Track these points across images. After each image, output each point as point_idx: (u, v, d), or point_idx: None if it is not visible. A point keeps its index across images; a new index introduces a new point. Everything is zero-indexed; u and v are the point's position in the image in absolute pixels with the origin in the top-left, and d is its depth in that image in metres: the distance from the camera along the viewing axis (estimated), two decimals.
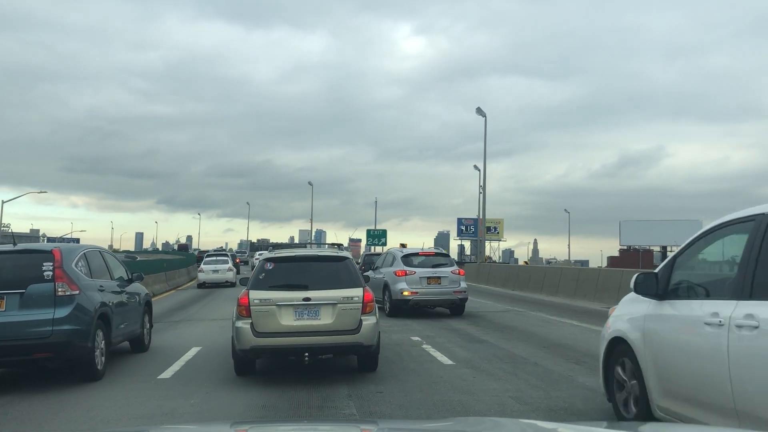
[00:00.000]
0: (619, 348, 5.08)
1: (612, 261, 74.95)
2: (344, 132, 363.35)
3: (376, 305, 7.73)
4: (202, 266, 27.43)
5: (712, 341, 3.95)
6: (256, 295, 7.22)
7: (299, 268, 7.75)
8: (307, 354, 7.17)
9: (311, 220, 68.60)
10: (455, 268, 15.09)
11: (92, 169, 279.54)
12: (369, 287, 7.72)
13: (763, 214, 3.98)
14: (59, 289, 7.04)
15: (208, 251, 44.73)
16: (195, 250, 60.62)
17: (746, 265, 3.93)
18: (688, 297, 4.58)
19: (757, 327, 3.63)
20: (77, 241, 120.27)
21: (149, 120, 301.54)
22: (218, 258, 28.46)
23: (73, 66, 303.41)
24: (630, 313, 5.03)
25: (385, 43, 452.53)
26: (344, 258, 7.91)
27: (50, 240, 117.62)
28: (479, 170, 39.89)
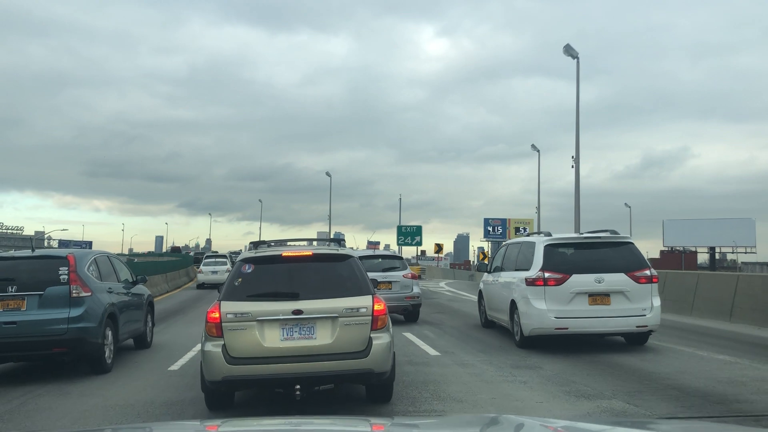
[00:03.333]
0: (480, 292, 13.71)
1: (653, 263, 74.62)
2: (365, 134, 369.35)
3: (390, 319, 6.53)
4: (202, 267, 30.38)
5: (497, 287, 12.33)
6: (230, 307, 6.11)
7: (288, 271, 6.49)
8: (298, 387, 5.98)
9: (329, 217, 66.99)
10: (407, 271, 15.07)
11: (115, 173, 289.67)
12: None
13: (516, 242, 12.45)
14: (73, 291, 8.42)
15: (205, 254, 48.41)
16: (212, 252, 63.25)
17: (516, 261, 11.54)
18: (495, 271, 12.76)
19: (499, 280, 12.22)
20: (90, 244, 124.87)
21: (172, 124, 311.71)
22: (217, 260, 31.40)
23: (98, 71, 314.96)
24: (483, 279, 13.64)
25: (409, 45, 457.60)
26: (347, 257, 6.69)
27: (62, 243, 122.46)
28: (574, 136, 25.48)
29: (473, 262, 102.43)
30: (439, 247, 51.64)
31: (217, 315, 6.08)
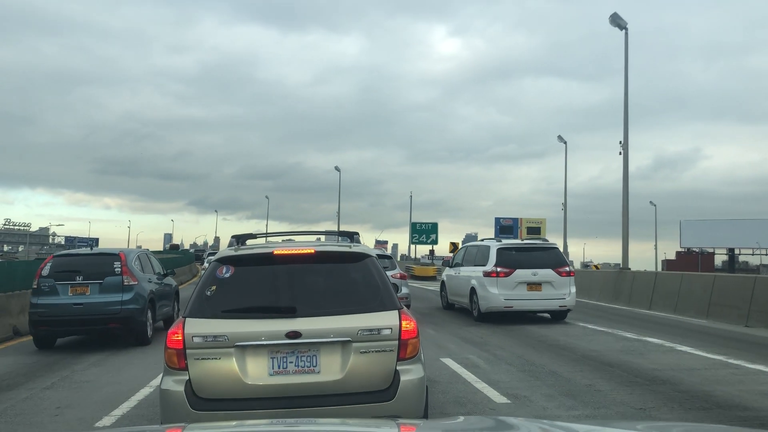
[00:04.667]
0: (443, 283, 18.07)
1: (669, 265, 74.12)
2: (375, 134, 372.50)
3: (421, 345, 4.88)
4: (205, 264, 33.66)
5: (459, 279, 16.29)
6: (197, 327, 4.54)
7: (281, 276, 4.89)
8: None
9: (338, 213, 65.55)
10: (396, 271, 15.65)
11: (125, 171, 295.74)
12: None
13: (474, 245, 16.95)
14: (125, 281, 11.34)
15: (206, 251, 53.53)
16: (212, 250, 66.29)
17: (475, 259, 15.42)
18: (455, 267, 17.08)
19: (459, 273, 16.18)
20: (96, 241, 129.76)
21: (183, 122, 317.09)
22: None
23: (111, 69, 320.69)
24: (445, 272, 18.15)
25: (420, 45, 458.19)
26: (363, 256, 5.05)
27: (68, 240, 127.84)
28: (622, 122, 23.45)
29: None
30: (454, 246, 53.39)
31: (179, 338, 4.46)
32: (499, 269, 13.95)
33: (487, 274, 14.07)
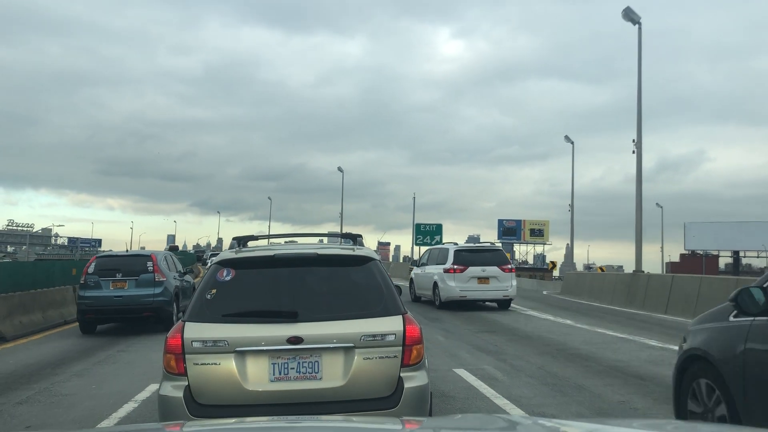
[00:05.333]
0: (411, 280, 21.18)
1: (673, 267, 74.33)
2: (378, 135, 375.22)
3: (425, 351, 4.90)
4: (208, 264, 35.87)
5: (425, 275, 19.55)
6: (197, 332, 4.55)
7: (283, 280, 4.91)
8: None
9: (341, 214, 65.70)
10: None
11: (129, 172, 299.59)
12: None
13: (437, 248, 20.77)
14: (156, 277, 13.37)
15: (206, 252, 56.42)
16: (213, 250, 68.16)
17: (437, 259, 19.00)
18: (421, 266, 20.36)
19: (425, 271, 19.56)
20: (99, 242, 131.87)
21: (187, 123, 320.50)
22: None
23: (115, 70, 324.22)
24: (413, 271, 21.24)
25: (424, 46, 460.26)
26: (367, 259, 5.07)
27: (71, 240, 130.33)
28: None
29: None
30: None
31: (178, 342, 4.51)
32: (455, 267, 17.57)
33: (446, 271, 17.75)
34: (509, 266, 18.17)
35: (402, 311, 4.75)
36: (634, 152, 22.93)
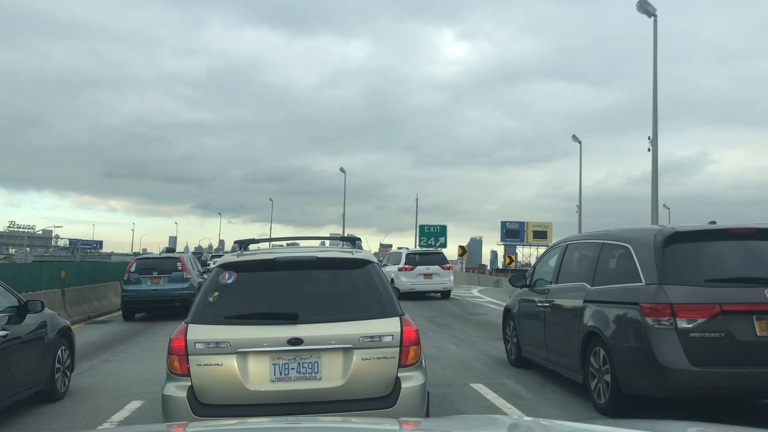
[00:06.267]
0: None
1: None
2: (382, 137, 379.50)
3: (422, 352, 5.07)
4: (210, 264, 38.94)
5: (385, 274, 20.67)
6: (200, 333, 4.75)
7: (283, 283, 5.10)
8: None
9: (343, 216, 65.92)
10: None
11: (132, 174, 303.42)
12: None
13: (394, 252, 26.62)
14: (184, 275, 17.36)
15: (201, 253, 59.73)
16: (215, 252, 70.80)
17: (394, 261, 24.52)
18: (383, 267, 22.71)
19: (385, 269, 22.21)
20: (100, 243, 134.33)
21: (190, 126, 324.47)
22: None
23: (120, 73, 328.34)
24: None
25: (428, 48, 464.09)
26: (365, 262, 5.26)
27: (72, 242, 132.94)
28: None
29: (487, 266, 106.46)
30: (462, 250, 51.64)
31: (182, 343, 4.72)
32: (406, 266, 22.81)
33: (400, 269, 22.95)
34: (448, 265, 23.98)
35: (399, 313, 4.96)
36: (649, 150, 22.96)
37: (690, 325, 5.83)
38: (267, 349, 4.73)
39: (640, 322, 6.08)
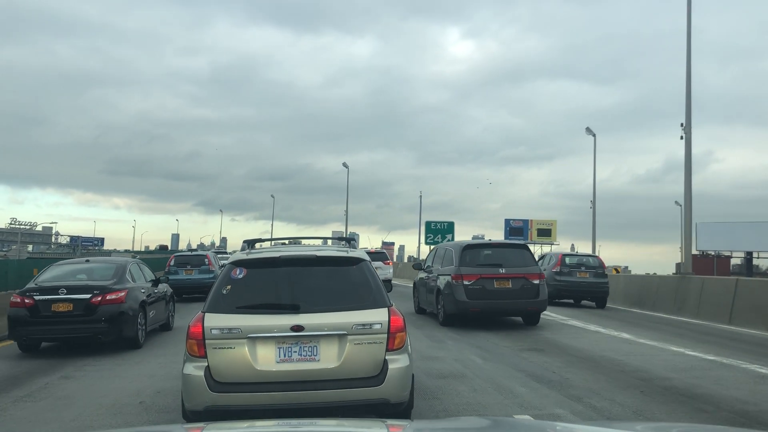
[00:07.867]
0: None
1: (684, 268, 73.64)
2: (386, 136, 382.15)
3: (408, 337, 6.03)
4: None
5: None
6: (215, 321, 5.62)
7: (287, 278, 5.98)
8: None
9: (346, 213, 66.10)
10: (387, 261, 32.45)
11: (136, 172, 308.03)
12: None
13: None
14: (210, 268, 23.87)
15: (196, 250, 64.53)
16: (216, 249, 74.92)
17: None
18: None
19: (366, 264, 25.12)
20: (102, 240, 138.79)
21: (194, 124, 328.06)
22: (223, 257, 46.10)
23: (124, 71, 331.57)
24: None
25: (433, 47, 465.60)
26: (358, 260, 6.18)
27: (73, 239, 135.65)
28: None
29: None
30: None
31: (199, 330, 5.59)
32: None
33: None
34: (389, 261, 32.19)
35: (388, 304, 5.83)
36: (682, 137, 21.96)
37: (468, 283, 14.17)
38: (273, 334, 5.55)
39: (452, 283, 14.36)
